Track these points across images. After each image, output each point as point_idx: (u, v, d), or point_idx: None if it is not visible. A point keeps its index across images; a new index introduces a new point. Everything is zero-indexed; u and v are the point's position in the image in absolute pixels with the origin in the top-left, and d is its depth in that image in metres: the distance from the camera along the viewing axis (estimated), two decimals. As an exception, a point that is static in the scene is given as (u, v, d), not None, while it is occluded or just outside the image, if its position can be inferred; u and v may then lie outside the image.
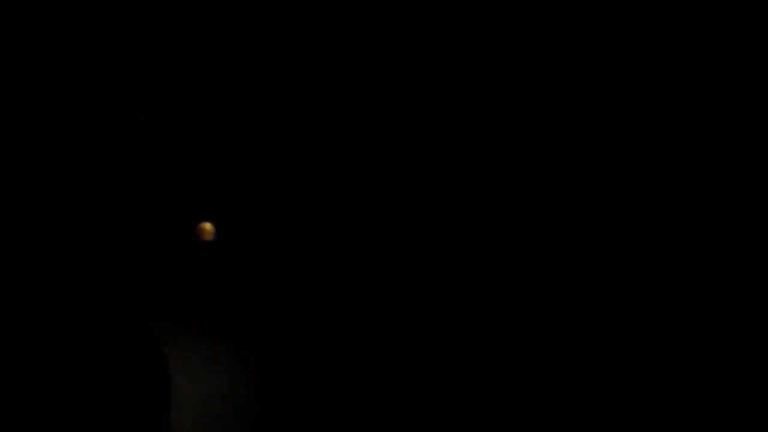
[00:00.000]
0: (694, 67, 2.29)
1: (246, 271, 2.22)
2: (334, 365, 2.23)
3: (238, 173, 2.25)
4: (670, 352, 2.25)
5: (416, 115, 2.29)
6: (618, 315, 2.26)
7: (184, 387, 2.18)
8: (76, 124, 2.18)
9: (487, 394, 2.24)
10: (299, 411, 2.21)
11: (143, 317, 2.16)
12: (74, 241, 2.14)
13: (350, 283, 2.24)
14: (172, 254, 2.21)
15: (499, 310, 2.26)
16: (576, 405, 2.24)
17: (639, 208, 2.28)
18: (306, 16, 2.28)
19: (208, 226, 2.18)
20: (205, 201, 2.22)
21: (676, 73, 2.30)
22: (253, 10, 2.27)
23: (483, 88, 2.30)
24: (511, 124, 2.30)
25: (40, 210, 2.14)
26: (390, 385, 2.23)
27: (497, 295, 2.26)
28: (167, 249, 2.21)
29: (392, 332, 2.24)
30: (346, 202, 2.26)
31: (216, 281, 2.21)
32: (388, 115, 2.29)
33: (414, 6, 2.29)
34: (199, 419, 2.17)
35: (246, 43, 2.27)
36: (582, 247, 2.28)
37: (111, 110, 2.19)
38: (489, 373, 2.24)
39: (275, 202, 2.25)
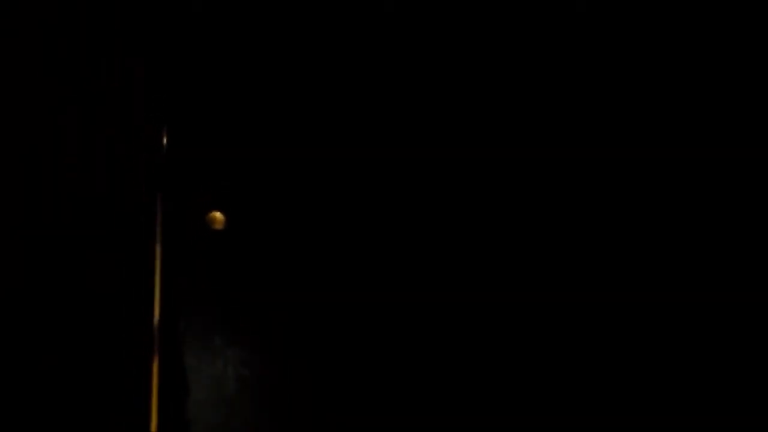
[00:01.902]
0: (693, 66, 2.30)
1: (247, 271, 2.22)
2: (337, 365, 2.22)
3: (239, 173, 2.25)
4: (669, 352, 2.25)
5: (416, 114, 2.30)
6: (617, 315, 2.26)
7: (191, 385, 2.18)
8: (76, 124, 2.17)
9: (487, 394, 2.23)
10: (301, 409, 2.20)
11: (144, 318, 2.16)
12: (74, 241, 2.14)
13: (351, 283, 2.24)
14: (171, 254, 2.21)
15: (501, 311, 2.26)
16: (575, 405, 2.23)
17: (639, 208, 2.28)
18: (305, 18, 2.28)
19: (218, 215, 2.17)
20: (206, 201, 2.22)
21: (675, 72, 2.30)
22: (250, 13, 2.27)
23: (488, 90, 2.30)
24: (513, 124, 2.30)
25: (40, 210, 2.14)
26: (392, 385, 2.23)
27: (500, 295, 2.26)
28: (166, 249, 2.21)
29: (396, 332, 2.24)
30: (347, 203, 2.26)
31: (217, 281, 2.21)
32: (389, 114, 2.29)
33: (417, 6, 2.29)
34: (203, 414, 2.17)
35: (245, 44, 2.27)
36: (582, 247, 2.28)
37: (111, 110, 2.19)
38: (490, 373, 2.24)
39: (276, 202, 2.25)
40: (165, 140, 2.20)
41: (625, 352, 2.25)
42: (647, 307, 2.26)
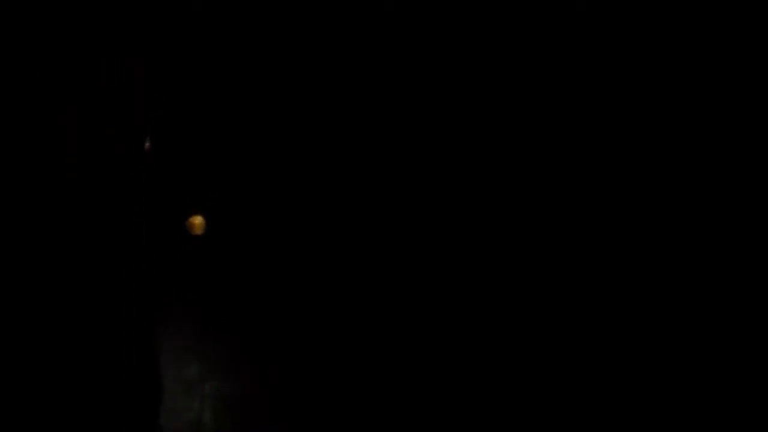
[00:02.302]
0: (689, 79, 2.29)
1: (226, 279, 2.21)
2: (319, 381, 2.23)
3: (221, 181, 2.25)
4: (666, 364, 2.25)
5: (407, 126, 2.29)
6: (611, 327, 2.26)
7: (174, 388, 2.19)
8: (76, 124, 2.17)
9: (477, 408, 2.24)
10: (285, 418, 2.21)
11: (141, 318, 2.16)
12: (74, 241, 2.14)
13: (336, 295, 2.24)
14: (165, 256, 2.22)
15: (491, 323, 2.26)
16: (570, 417, 2.24)
17: (635, 220, 2.28)
18: (292, 36, 2.28)
19: (197, 220, 2.17)
20: (185, 206, 2.22)
21: (671, 85, 2.29)
22: (248, 16, 2.27)
23: (483, 102, 2.30)
24: (511, 136, 2.30)
25: (40, 210, 2.14)
26: (379, 395, 2.23)
27: (488, 307, 2.26)
28: (161, 251, 2.22)
29: (379, 343, 2.24)
30: (332, 214, 2.26)
31: (205, 289, 2.21)
32: (382, 126, 2.29)
33: (414, 21, 2.29)
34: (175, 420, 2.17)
35: (246, 44, 2.27)
36: (578, 260, 2.27)
37: (111, 110, 2.19)
38: (480, 387, 2.24)
39: (258, 211, 2.25)
40: (149, 146, 2.20)
41: (620, 365, 2.25)
42: (643, 319, 2.26)
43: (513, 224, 2.28)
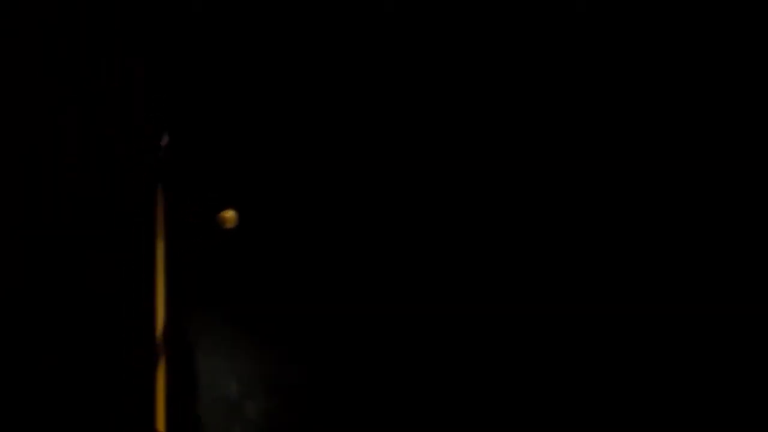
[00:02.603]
0: (692, 77, 2.29)
1: (256, 275, 2.22)
2: (329, 376, 2.23)
3: (243, 175, 2.25)
4: (668, 365, 2.25)
5: (413, 125, 2.29)
6: (615, 327, 2.26)
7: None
8: (76, 124, 2.17)
9: (483, 407, 2.24)
10: (295, 418, 2.21)
11: (140, 318, 2.16)
12: (74, 241, 2.14)
13: (339, 296, 2.24)
14: (176, 254, 2.21)
15: (499, 323, 2.26)
16: (573, 418, 2.24)
17: (637, 220, 2.28)
18: (308, 29, 2.28)
19: (230, 213, 2.16)
20: (213, 199, 2.22)
21: (673, 84, 2.30)
22: (249, 17, 2.27)
23: (484, 102, 2.30)
24: (511, 136, 2.30)
25: (40, 210, 2.14)
26: (386, 397, 2.23)
27: (498, 307, 2.26)
28: (172, 249, 2.21)
29: (389, 344, 2.25)
30: (352, 214, 2.26)
31: (226, 283, 2.21)
32: (397, 126, 2.29)
33: (418, 21, 2.29)
34: (209, 421, 2.17)
35: (246, 45, 2.27)
36: (580, 259, 2.28)
37: (111, 110, 2.19)
38: (485, 386, 2.25)
39: (281, 210, 2.25)
40: (167, 141, 2.20)
41: (622, 365, 2.25)
42: (646, 319, 2.26)
43: (514, 224, 2.28)
